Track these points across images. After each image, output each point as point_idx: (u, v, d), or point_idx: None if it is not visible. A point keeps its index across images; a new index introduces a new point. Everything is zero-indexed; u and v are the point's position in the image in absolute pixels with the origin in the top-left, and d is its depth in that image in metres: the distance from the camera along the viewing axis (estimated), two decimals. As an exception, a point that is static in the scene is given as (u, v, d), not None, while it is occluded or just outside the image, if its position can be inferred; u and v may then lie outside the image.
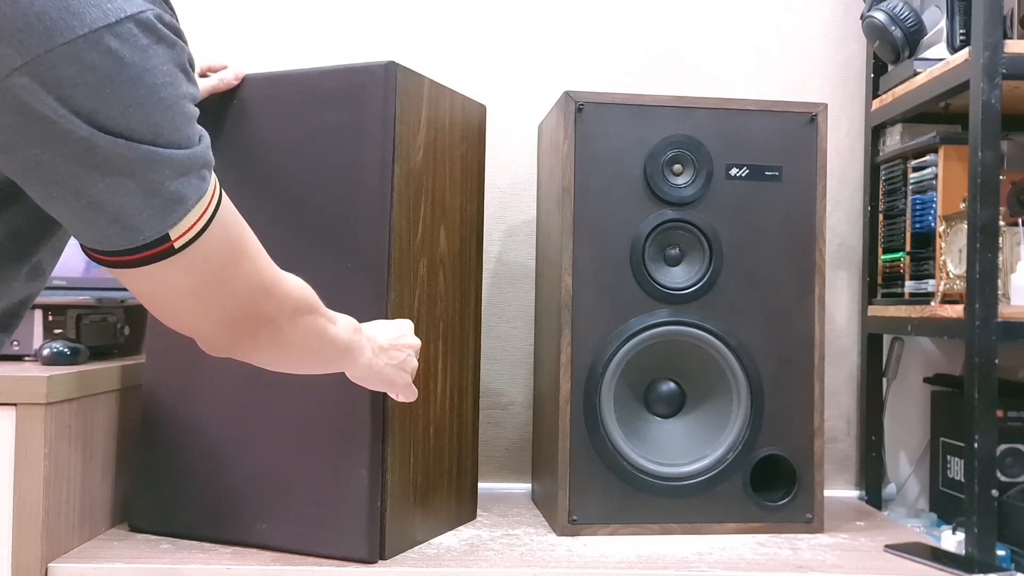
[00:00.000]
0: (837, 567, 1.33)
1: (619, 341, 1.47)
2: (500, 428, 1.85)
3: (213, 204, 0.76)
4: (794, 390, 1.51)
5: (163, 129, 0.70)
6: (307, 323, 0.94)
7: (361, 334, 1.09)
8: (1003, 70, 1.39)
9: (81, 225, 0.71)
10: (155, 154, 0.69)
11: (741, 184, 1.51)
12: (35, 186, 0.70)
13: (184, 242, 0.74)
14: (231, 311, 0.83)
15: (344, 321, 1.04)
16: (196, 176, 0.73)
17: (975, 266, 1.39)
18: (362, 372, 1.13)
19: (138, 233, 0.71)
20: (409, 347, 1.19)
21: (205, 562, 1.27)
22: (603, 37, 1.88)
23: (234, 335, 0.86)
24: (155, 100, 0.69)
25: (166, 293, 0.78)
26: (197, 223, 0.74)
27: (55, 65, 0.64)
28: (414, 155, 1.36)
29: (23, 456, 1.22)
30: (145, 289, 0.78)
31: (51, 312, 1.44)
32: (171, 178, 0.71)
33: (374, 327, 1.16)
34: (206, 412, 1.39)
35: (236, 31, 1.86)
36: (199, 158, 0.74)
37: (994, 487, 1.38)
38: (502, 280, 1.86)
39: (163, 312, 0.81)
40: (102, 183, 0.68)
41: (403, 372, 1.19)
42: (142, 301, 0.81)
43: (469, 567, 1.30)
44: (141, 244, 0.72)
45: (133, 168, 0.68)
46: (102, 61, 0.65)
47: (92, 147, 0.67)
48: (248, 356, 0.91)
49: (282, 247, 1.35)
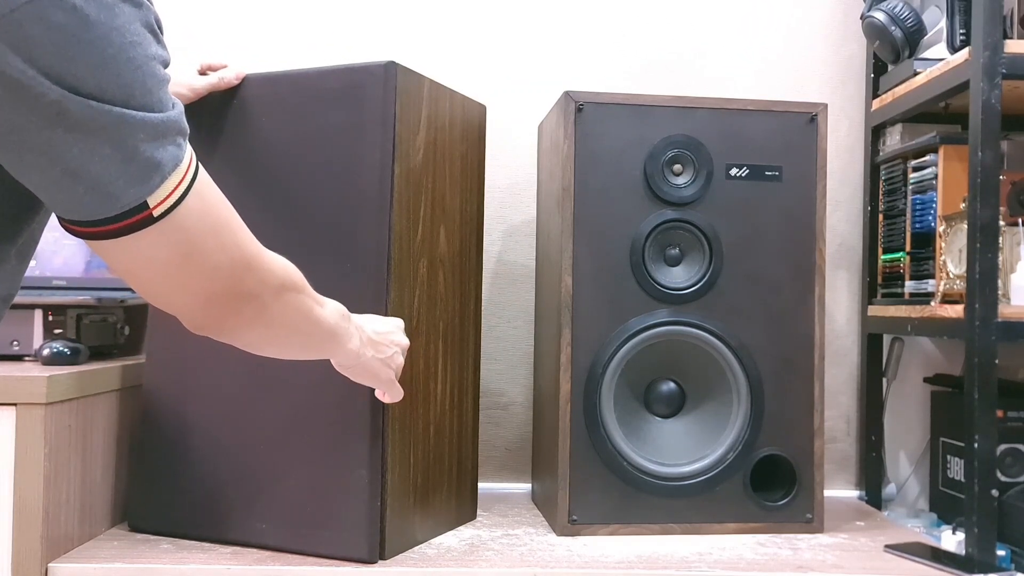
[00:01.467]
0: (837, 567, 1.33)
1: (619, 341, 1.47)
2: (500, 428, 1.85)
3: (191, 173, 0.75)
4: (794, 390, 1.51)
5: (135, 91, 0.69)
6: (293, 301, 0.92)
7: (350, 321, 1.08)
8: (1003, 70, 1.39)
9: (57, 194, 0.70)
10: (128, 116, 0.68)
11: (741, 184, 1.51)
12: (10, 154, 0.69)
13: (163, 210, 0.72)
14: (213, 285, 0.81)
15: (332, 305, 1.03)
16: (171, 142, 0.72)
17: (975, 266, 1.39)
18: (348, 360, 1.12)
19: (115, 200, 0.70)
20: (397, 344, 1.18)
21: (205, 562, 1.27)
22: (603, 37, 1.88)
23: (217, 311, 0.84)
24: (124, 60, 0.68)
25: (146, 266, 0.77)
26: (175, 191, 0.73)
27: (22, 25, 0.64)
28: (414, 155, 1.36)
29: (23, 456, 1.22)
30: (125, 262, 0.76)
31: (51, 312, 1.44)
32: (146, 142, 0.70)
33: (364, 318, 1.14)
34: (206, 412, 1.39)
35: (236, 31, 1.86)
36: (174, 123, 0.73)
37: (994, 487, 1.38)
38: (502, 280, 1.86)
39: (144, 287, 0.80)
40: (76, 148, 0.68)
41: (388, 368, 1.17)
42: (123, 276, 0.79)
43: (469, 567, 1.30)
44: (119, 212, 0.71)
45: (107, 132, 0.68)
46: (68, 20, 0.65)
47: (64, 110, 0.66)
48: (233, 335, 0.89)
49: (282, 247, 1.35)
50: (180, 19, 1.86)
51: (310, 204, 1.34)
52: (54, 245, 1.66)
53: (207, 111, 1.39)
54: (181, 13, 1.86)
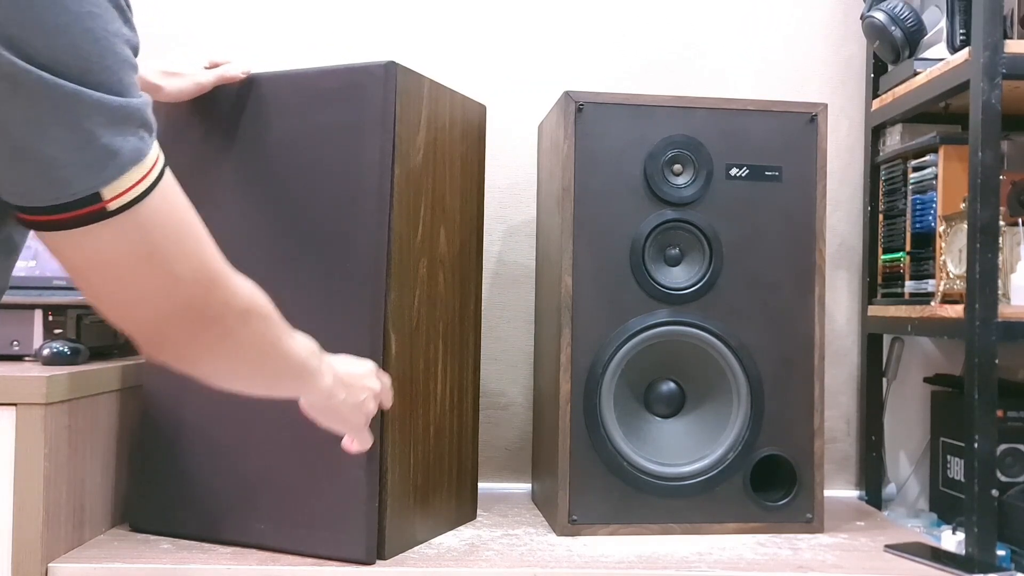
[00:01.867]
0: (837, 567, 1.33)
1: (619, 341, 1.47)
2: (500, 428, 1.85)
3: (155, 171, 0.70)
4: (794, 390, 1.51)
5: (92, 65, 0.65)
6: (260, 328, 0.84)
7: (321, 359, 0.99)
8: (1003, 70, 1.39)
9: (6, 174, 0.67)
10: (83, 95, 0.64)
11: (741, 184, 1.51)
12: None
13: (118, 205, 0.67)
14: (172, 299, 0.74)
15: (303, 338, 0.94)
16: (133, 134, 0.68)
17: (975, 266, 1.39)
18: (319, 400, 1.04)
19: (66, 186, 0.66)
20: (370, 390, 1.09)
21: (205, 562, 1.27)
22: (603, 37, 1.88)
23: (176, 332, 0.77)
24: (81, 30, 0.64)
25: (100, 268, 0.71)
26: (136, 187, 0.68)
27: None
28: (414, 155, 1.36)
29: (23, 456, 1.22)
30: (76, 260, 0.71)
31: (51, 312, 1.44)
32: (103, 127, 0.66)
33: (336, 358, 1.05)
34: (205, 412, 1.39)
35: (236, 31, 1.86)
36: (136, 111, 0.68)
37: (994, 487, 1.37)
38: (502, 280, 1.86)
39: (98, 293, 0.73)
40: (26, 124, 0.64)
41: (360, 413, 1.09)
42: (76, 280, 0.73)
43: (469, 567, 1.30)
44: (70, 200, 0.66)
45: (59, 109, 0.64)
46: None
47: (16, 82, 0.63)
48: (194, 363, 0.82)
49: (281, 247, 1.36)
50: (180, 19, 1.86)
51: (310, 204, 1.34)
52: (54, 245, 1.66)
53: (207, 110, 1.39)
54: (181, 13, 1.86)
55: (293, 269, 1.34)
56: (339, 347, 1.31)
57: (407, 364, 1.36)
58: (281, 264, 1.35)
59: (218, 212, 1.39)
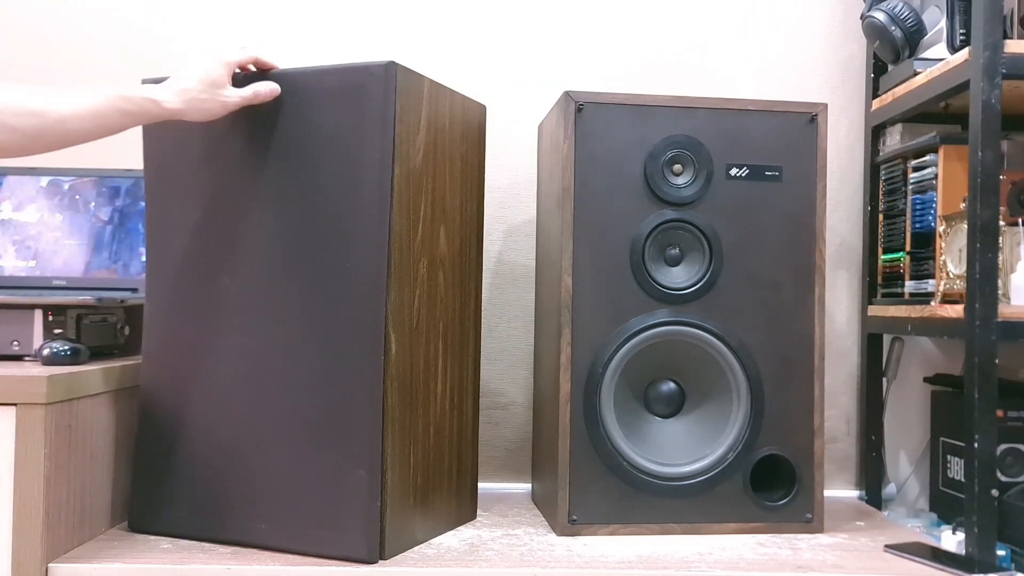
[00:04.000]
0: (837, 567, 1.33)
1: (619, 341, 1.47)
2: (500, 428, 1.85)
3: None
4: (794, 390, 1.51)
5: None
6: None
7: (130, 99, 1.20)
8: (1003, 70, 1.39)
9: None
10: None
11: (741, 184, 1.51)
12: None
13: None
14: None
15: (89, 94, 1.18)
16: None
17: (975, 266, 1.39)
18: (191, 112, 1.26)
19: None
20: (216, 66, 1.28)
21: (205, 562, 1.27)
22: (603, 37, 1.88)
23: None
24: None
25: None
26: None
27: None
28: (414, 155, 1.36)
29: (23, 456, 1.22)
30: None
31: (51, 312, 1.44)
32: None
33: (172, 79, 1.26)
34: (205, 412, 1.39)
35: (236, 31, 1.86)
36: None
37: (994, 487, 1.38)
38: (502, 280, 1.86)
39: None
40: None
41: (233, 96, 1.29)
42: None
43: (469, 567, 1.30)
44: None
45: None
46: None
47: None
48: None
49: (281, 247, 1.36)
50: (181, 19, 1.86)
51: (310, 204, 1.34)
52: (54, 245, 1.66)
53: (207, 111, 1.39)
54: (182, 13, 1.86)
55: (293, 268, 1.34)
56: (339, 347, 1.31)
57: (407, 364, 1.36)
58: (281, 263, 1.35)
59: (218, 211, 1.39)
